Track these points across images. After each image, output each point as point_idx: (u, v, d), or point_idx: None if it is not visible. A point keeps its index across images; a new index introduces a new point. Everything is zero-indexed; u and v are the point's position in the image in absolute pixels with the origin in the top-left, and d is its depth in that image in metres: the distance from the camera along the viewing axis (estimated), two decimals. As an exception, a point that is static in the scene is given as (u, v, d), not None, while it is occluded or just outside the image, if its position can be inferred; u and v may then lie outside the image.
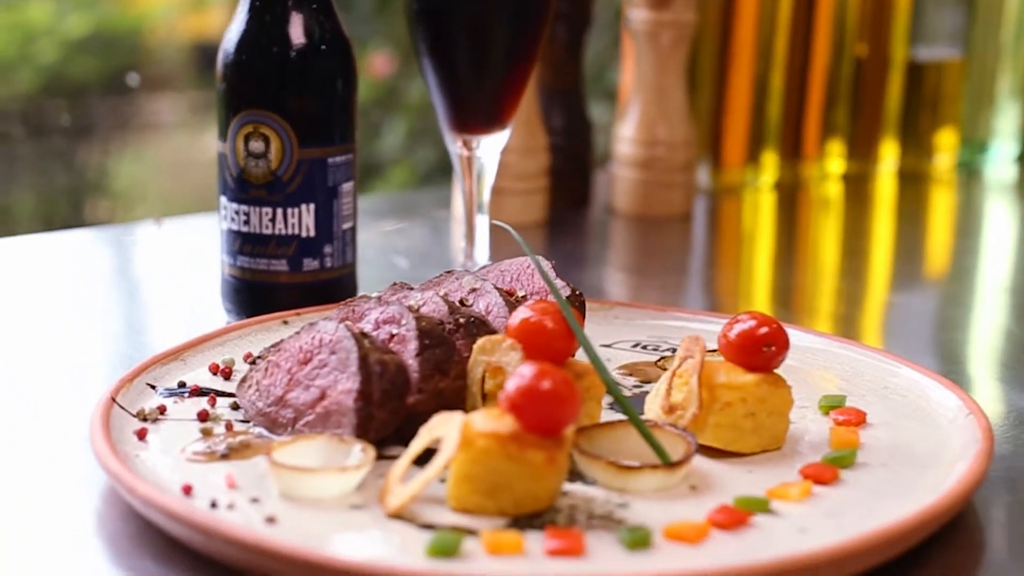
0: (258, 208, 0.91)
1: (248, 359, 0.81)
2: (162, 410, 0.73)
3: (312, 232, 0.91)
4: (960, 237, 1.49)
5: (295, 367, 0.72)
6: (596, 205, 1.42)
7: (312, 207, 0.91)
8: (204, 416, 0.72)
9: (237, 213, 0.91)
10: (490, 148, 0.98)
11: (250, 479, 0.65)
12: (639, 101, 1.36)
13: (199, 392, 0.76)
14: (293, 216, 0.91)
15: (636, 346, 0.89)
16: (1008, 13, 1.64)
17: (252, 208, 0.91)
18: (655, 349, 0.88)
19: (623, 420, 0.69)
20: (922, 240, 1.45)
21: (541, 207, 1.32)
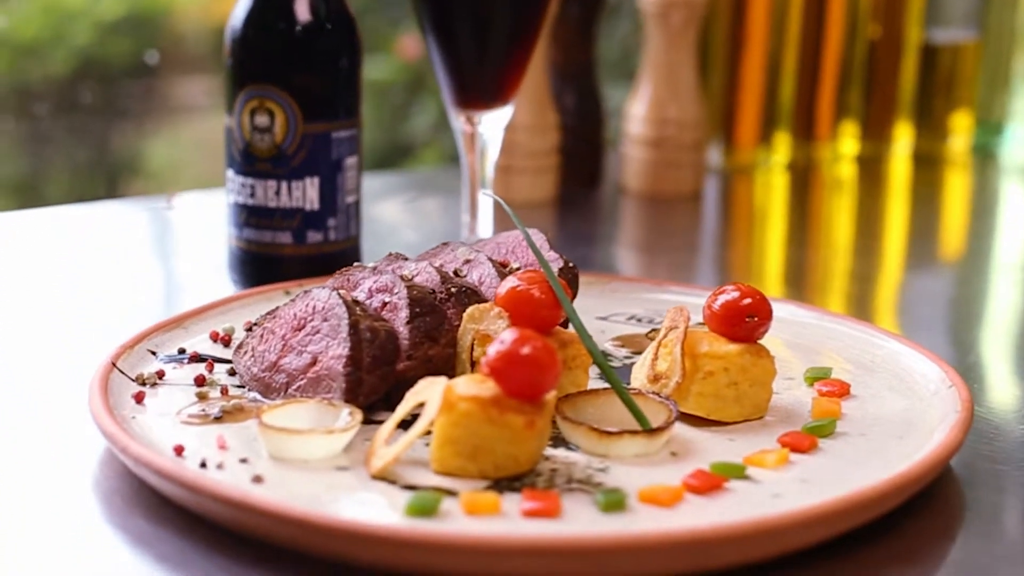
0: (263, 181, 0.93)
1: (247, 327, 0.83)
2: (160, 375, 0.75)
3: (316, 205, 0.93)
4: (975, 219, 1.48)
5: (289, 333, 0.73)
6: (607, 184, 1.43)
7: (316, 180, 0.93)
8: (201, 381, 0.74)
9: (243, 186, 0.93)
10: (493, 124, 0.99)
11: (241, 441, 0.67)
12: (650, 80, 1.37)
13: (198, 358, 0.78)
14: (297, 189, 0.92)
15: (631, 319, 0.90)
16: (1025, -6, 1.64)
17: (257, 181, 0.93)
18: (649, 321, 0.90)
19: (607, 388, 0.70)
20: (936, 221, 1.45)
21: (551, 185, 1.33)
